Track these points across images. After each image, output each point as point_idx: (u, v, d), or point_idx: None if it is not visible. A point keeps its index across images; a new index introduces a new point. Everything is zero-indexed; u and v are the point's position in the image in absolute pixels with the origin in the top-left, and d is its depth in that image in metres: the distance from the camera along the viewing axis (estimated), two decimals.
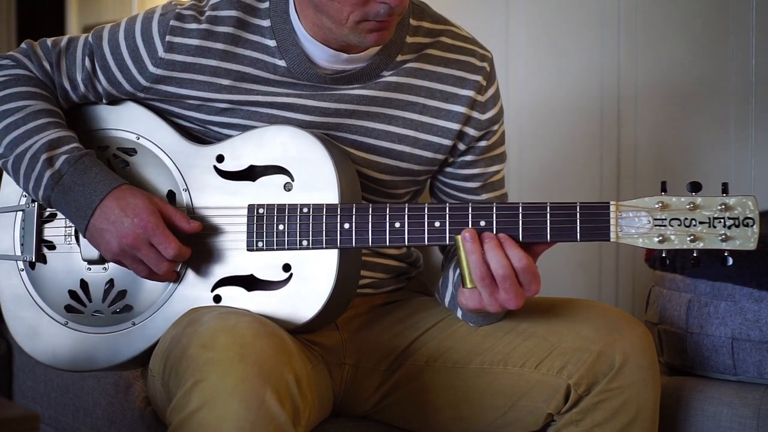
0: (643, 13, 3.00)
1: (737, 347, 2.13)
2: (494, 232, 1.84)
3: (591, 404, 1.92)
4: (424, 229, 1.88)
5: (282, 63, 1.99)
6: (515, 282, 1.82)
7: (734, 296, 2.15)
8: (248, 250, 1.94)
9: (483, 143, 2.09)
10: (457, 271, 2.03)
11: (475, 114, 2.07)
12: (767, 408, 2.08)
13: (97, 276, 2.02)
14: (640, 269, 2.98)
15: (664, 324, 2.27)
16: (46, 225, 2.07)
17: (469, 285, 1.85)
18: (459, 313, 2.05)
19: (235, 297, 1.94)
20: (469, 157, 2.10)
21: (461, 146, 2.08)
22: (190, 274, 1.97)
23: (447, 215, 1.87)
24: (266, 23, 2.00)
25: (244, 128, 2.00)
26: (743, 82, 2.80)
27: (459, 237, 1.84)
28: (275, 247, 1.92)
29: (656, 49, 2.98)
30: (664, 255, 1.84)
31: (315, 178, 1.92)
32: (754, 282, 2.12)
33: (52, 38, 2.09)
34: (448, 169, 2.12)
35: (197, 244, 1.96)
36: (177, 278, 1.96)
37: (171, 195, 1.99)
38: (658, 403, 1.96)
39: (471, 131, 2.07)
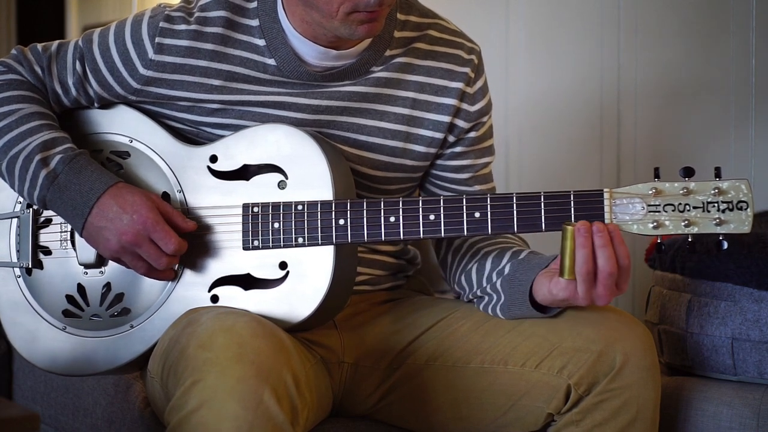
0: (642, 12, 3.01)
1: (737, 347, 2.13)
2: (489, 223, 1.84)
3: (591, 404, 1.91)
4: (419, 223, 1.88)
5: (272, 62, 1.99)
6: (615, 280, 1.80)
7: (734, 296, 2.14)
8: (244, 249, 1.94)
9: (472, 134, 2.10)
10: (504, 260, 2.00)
11: (465, 106, 2.07)
12: (767, 408, 2.07)
13: (94, 280, 2.02)
14: (640, 269, 2.97)
15: (664, 324, 2.27)
16: (42, 230, 2.07)
17: (567, 276, 1.82)
18: (492, 304, 2.02)
19: (232, 296, 1.94)
20: (458, 149, 2.10)
21: (451, 138, 2.09)
22: (187, 275, 1.97)
23: (441, 208, 1.88)
24: (255, 23, 2.00)
25: (236, 128, 2.01)
26: (743, 82, 2.80)
27: (570, 227, 1.80)
28: (271, 245, 1.93)
29: (656, 48, 2.98)
30: (659, 241, 1.84)
31: (309, 176, 1.92)
32: (754, 282, 2.12)
33: (42, 43, 2.09)
34: (438, 162, 2.12)
35: (193, 245, 1.96)
36: (174, 276, 1.96)
37: (165, 196, 1.99)
38: (659, 403, 1.95)
39: (461, 123, 2.08)
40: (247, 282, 1.94)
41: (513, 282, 1.96)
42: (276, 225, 1.93)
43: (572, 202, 1.82)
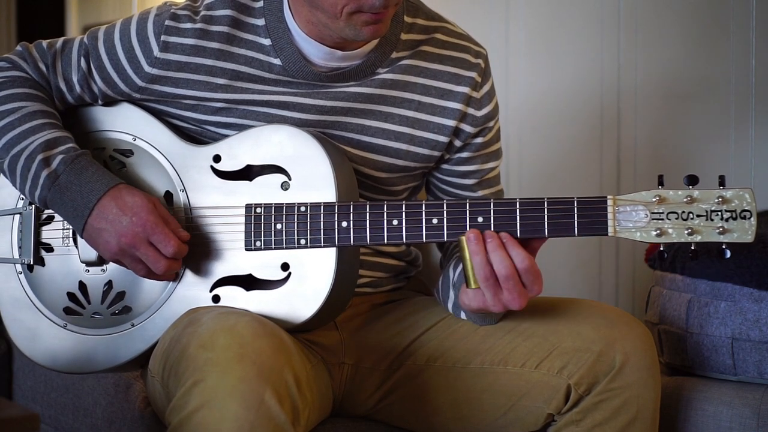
0: (642, 12, 3.00)
1: (737, 347, 2.13)
2: (492, 228, 1.84)
3: (591, 404, 1.92)
4: (422, 226, 1.88)
5: (277, 61, 1.99)
6: (518, 282, 1.82)
7: (734, 296, 2.14)
8: (246, 249, 1.94)
9: (479, 140, 2.10)
10: (458, 271, 2.03)
11: (471, 110, 2.07)
12: (767, 408, 2.08)
13: (96, 278, 2.02)
14: (640, 269, 2.98)
15: (664, 324, 2.27)
16: (44, 227, 2.07)
17: (473, 285, 1.85)
18: (462, 316, 2.05)
19: (233, 297, 1.94)
20: (465, 154, 2.10)
21: (457, 143, 2.09)
22: (189, 275, 1.97)
23: (444, 212, 1.87)
24: (261, 22, 2.00)
25: (241, 127, 2.00)
26: (743, 82, 2.80)
27: (462, 238, 1.84)
28: (273, 246, 1.93)
29: (656, 48, 2.98)
30: (662, 249, 1.84)
31: (312, 177, 1.92)
32: (754, 282, 2.12)
33: (48, 40, 2.09)
34: (445, 166, 2.12)
35: (196, 245, 1.96)
36: (176, 277, 1.96)
37: (168, 196, 1.99)
38: (659, 403, 1.96)
39: (467, 128, 2.07)
40: (248, 282, 1.94)
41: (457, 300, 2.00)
42: (278, 226, 1.92)
43: (575, 208, 1.82)
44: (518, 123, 3.26)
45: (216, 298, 1.95)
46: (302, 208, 1.91)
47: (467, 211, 1.86)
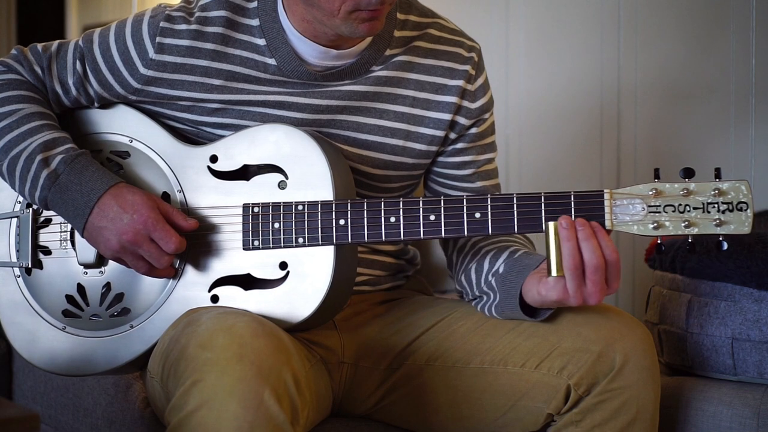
0: (643, 12, 3.01)
1: (737, 347, 2.13)
2: (490, 224, 1.84)
3: (591, 404, 1.91)
4: (420, 223, 1.88)
5: (272, 61, 1.99)
6: (604, 274, 1.80)
7: (734, 296, 2.14)
8: (244, 249, 1.94)
9: (474, 130, 2.10)
10: (485, 263, 2.01)
11: (466, 103, 2.07)
12: (767, 408, 2.07)
13: (94, 280, 2.02)
14: (640, 269, 2.98)
15: (664, 324, 2.27)
16: (42, 230, 2.07)
17: (556, 273, 1.81)
18: (489, 303, 2.02)
19: (232, 296, 1.94)
20: (460, 145, 2.10)
21: (452, 135, 2.09)
22: (188, 275, 1.97)
23: (442, 208, 1.87)
24: (255, 22, 2.00)
25: (237, 128, 2.01)
26: (743, 82, 2.81)
27: (553, 223, 1.81)
28: (271, 245, 1.93)
29: (656, 48, 2.98)
30: (660, 242, 1.83)
31: (309, 176, 1.92)
32: (754, 282, 2.12)
33: (43, 43, 2.09)
34: (440, 158, 2.12)
35: (193, 245, 1.96)
36: (175, 274, 1.96)
37: (165, 196, 1.99)
38: (659, 404, 1.95)
39: (462, 120, 2.08)
40: (247, 282, 1.94)
41: (505, 283, 1.96)
42: (276, 225, 1.92)
43: (572, 202, 1.82)
44: (518, 122, 3.27)
45: (215, 298, 1.95)
46: (300, 207, 1.92)
47: (464, 207, 1.86)
